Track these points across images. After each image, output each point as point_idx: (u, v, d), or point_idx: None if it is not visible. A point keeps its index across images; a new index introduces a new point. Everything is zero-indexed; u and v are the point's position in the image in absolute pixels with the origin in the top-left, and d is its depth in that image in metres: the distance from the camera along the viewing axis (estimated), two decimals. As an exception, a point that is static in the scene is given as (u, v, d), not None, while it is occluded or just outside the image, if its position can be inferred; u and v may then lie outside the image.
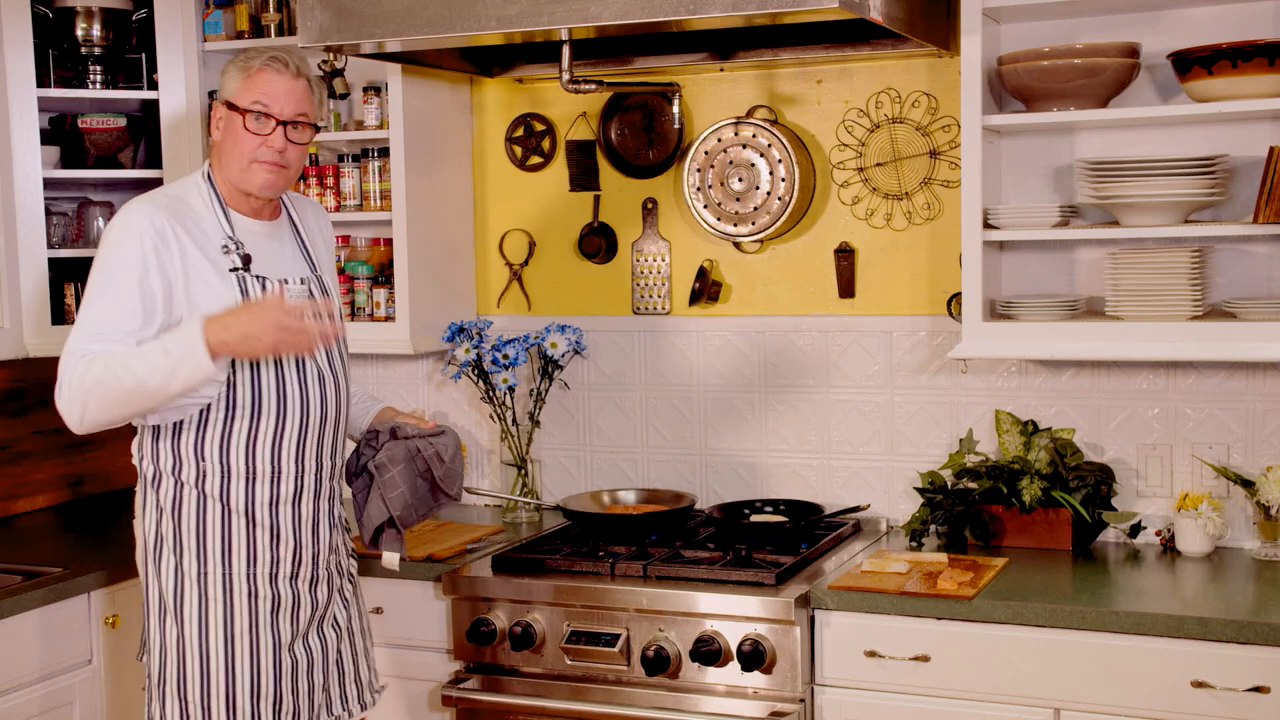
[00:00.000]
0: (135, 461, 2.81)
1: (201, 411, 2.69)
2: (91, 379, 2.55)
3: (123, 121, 3.86)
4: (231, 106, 2.75)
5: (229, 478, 2.72)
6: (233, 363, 2.67)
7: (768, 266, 3.67)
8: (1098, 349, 3.11)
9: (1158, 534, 3.30)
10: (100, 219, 3.88)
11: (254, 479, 2.73)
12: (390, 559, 2.98)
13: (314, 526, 2.82)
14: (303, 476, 2.78)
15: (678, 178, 3.71)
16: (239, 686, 2.72)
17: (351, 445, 3.01)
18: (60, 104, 3.83)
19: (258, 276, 2.75)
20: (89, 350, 2.58)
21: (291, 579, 2.79)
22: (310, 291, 2.84)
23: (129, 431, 2.82)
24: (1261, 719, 2.66)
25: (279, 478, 2.75)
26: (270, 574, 2.76)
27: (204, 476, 2.72)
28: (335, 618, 2.90)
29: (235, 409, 2.70)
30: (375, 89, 3.74)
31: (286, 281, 2.79)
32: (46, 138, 3.75)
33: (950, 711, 2.90)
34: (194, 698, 2.71)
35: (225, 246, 2.73)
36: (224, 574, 2.73)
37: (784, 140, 3.48)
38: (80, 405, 2.58)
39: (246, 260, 2.75)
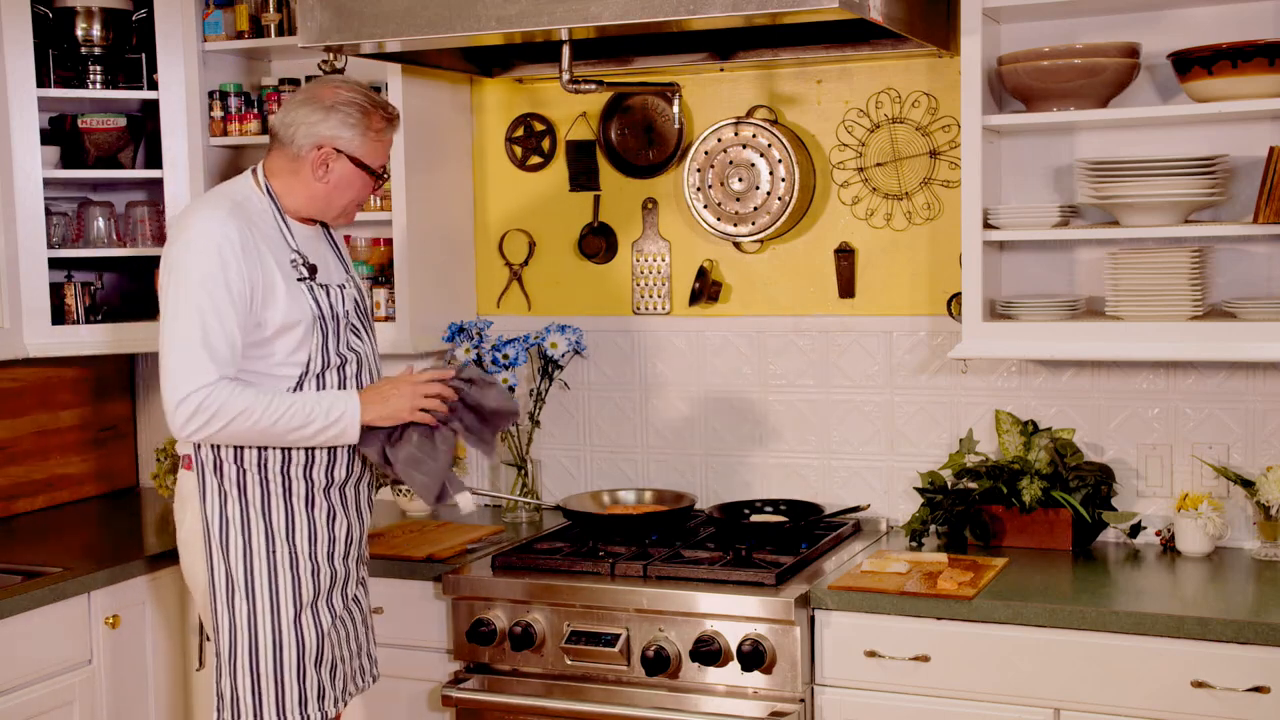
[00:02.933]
0: (189, 451, 2.88)
1: None
2: (237, 410, 2.69)
3: (123, 121, 3.86)
4: (359, 164, 2.87)
5: (290, 463, 2.85)
6: (306, 365, 2.83)
7: (768, 266, 3.67)
8: (1098, 349, 3.11)
9: (1158, 534, 3.30)
10: (100, 219, 3.88)
11: (313, 464, 2.87)
12: (465, 501, 3.00)
13: (358, 508, 2.97)
14: (353, 462, 2.93)
15: (678, 178, 3.71)
16: (308, 656, 2.85)
17: None
18: (60, 104, 3.83)
19: (321, 285, 2.88)
20: (215, 376, 2.70)
21: (345, 557, 2.94)
22: (357, 295, 2.98)
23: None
24: (1261, 719, 2.66)
25: (335, 463, 2.89)
26: (329, 552, 2.90)
27: (267, 462, 2.83)
28: (358, 596, 3.01)
29: None
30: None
31: (344, 287, 2.94)
32: (46, 138, 3.75)
33: (950, 711, 2.90)
34: (265, 670, 2.83)
35: (293, 259, 2.85)
36: (290, 552, 2.85)
37: (784, 140, 3.48)
38: (210, 429, 2.71)
39: (313, 270, 2.88)
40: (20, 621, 3.03)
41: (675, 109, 3.65)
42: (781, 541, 3.31)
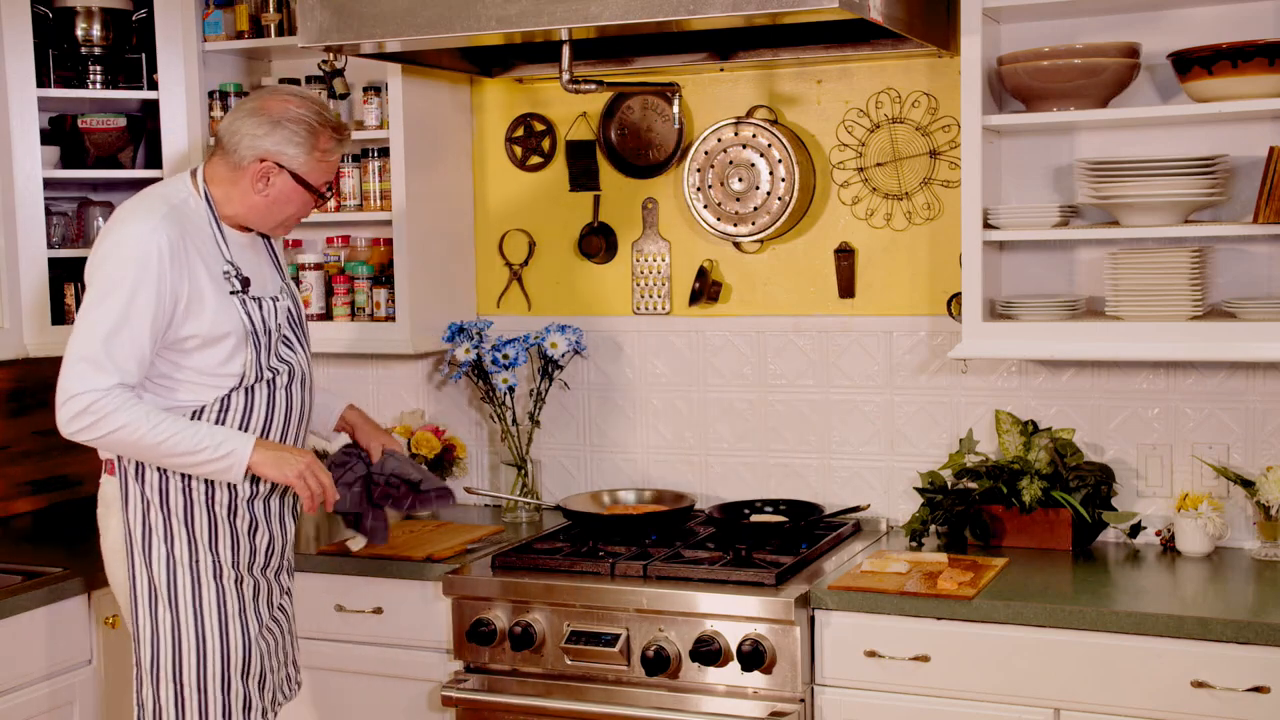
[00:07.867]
0: (110, 456, 2.84)
1: (194, 412, 2.78)
2: (123, 421, 2.64)
3: (123, 121, 3.86)
4: (301, 181, 2.81)
5: None
6: (240, 378, 2.81)
7: (768, 266, 3.67)
8: (1098, 349, 3.11)
9: (1158, 534, 3.31)
10: (100, 219, 3.88)
11: None
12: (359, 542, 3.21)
13: (281, 519, 2.95)
14: None
15: (678, 178, 3.71)
16: (232, 666, 2.82)
17: (313, 442, 3.19)
18: (60, 104, 3.83)
19: (254, 298, 2.83)
20: (113, 382, 2.64)
21: (264, 568, 2.91)
22: (291, 305, 2.94)
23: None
24: (1261, 719, 2.67)
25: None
26: (249, 563, 2.87)
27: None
28: (283, 606, 3.00)
29: (228, 410, 2.81)
30: (375, 89, 3.74)
31: (277, 300, 2.89)
32: (46, 138, 3.75)
33: (950, 711, 2.90)
34: (189, 680, 2.79)
35: (226, 271, 2.79)
36: (213, 561, 2.82)
37: (784, 140, 3.48)
38: (93, 434, 2.66)
39: (245, 283, 2.82)
40: (20, 621, 3.03)
41: (675, 109, 3.65)
42: (781, 541, 3.31)
